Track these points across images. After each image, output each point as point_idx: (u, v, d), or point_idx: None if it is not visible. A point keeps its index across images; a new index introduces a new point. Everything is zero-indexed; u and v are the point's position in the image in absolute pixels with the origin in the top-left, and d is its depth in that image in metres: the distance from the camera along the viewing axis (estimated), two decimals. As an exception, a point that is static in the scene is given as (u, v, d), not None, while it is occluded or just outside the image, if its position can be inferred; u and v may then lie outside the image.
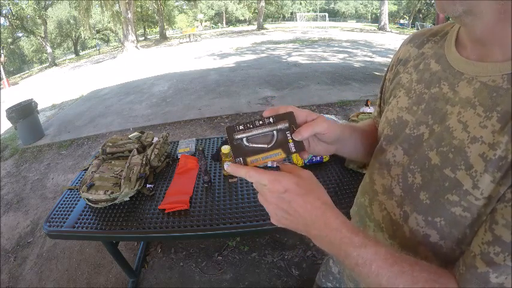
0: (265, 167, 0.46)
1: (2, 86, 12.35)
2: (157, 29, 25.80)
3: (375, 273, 0.38)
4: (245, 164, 0.46)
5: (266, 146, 0.46)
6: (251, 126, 0.45)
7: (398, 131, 0.50)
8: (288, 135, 0.46)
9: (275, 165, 0.46)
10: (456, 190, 0.39)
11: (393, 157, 0.51)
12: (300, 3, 35.12)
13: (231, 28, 30.07)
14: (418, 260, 0.39)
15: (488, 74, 0.38)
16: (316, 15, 29.87)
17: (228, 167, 0.45)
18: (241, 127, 0.45)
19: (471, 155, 0.37)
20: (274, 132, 0.45)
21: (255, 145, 0.46)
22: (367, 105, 1.57)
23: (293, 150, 0.46)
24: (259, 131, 0.45)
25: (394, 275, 0.37)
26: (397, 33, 17.48)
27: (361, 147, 0.60)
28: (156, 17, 23.93)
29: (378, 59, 8.31)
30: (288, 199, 0.41)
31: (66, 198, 1.43)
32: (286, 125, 0.46)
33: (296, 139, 0.45)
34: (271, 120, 0.45)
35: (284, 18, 39.68)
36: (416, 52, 0.53)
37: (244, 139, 0.46)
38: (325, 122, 0.47)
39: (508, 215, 0.32)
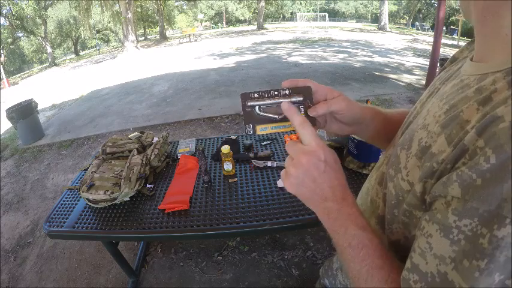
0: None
1: (2, 86, 12.34)
2: (157, 29, 25.77)
3: (361, 258, 0.39)
4: (254, 131, 0.47)
5: (277, 116, 0.46)
6: (266, 95, 0.46)
7: (408, 118, 0.52)
8: (301, 109, 0.46)
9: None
10: (395, 166, 0.43)
11: (394, 139, 0.54)
12: (300, 3, 35.13)
13: (231, 28, 30.06)
14: (400, 263, 0.39)
15: (471, 73, 0.38)
16: (316, 15, 29.86)
17: (284, 105, 0.44)
18: (256, 95, 0.46)
19: (415, 138, 0.40)
20: None
21: (267, 114, 0.46)
22: (367, 105, 1.57)
23: None
24: (273, 101, 0.46)
25: (376, 266, 0.38)
26: (397, 33, 17.48)
27: (382, 133, 0.58)
28: (156, 17, 23.92)
29: (378, 59, 8.30)
30: (323, 169, 0.41)
31: (66, 198, 1.43)
32: (301, 98, 0.46)
33: (311, 115, 0.46)
34: (286, 92, 0.45)
35: (284, 18, 39.66)
36: (465, 54, 0.53)
37: (257, 107, 0.46)
38: (344, 101, 0.48)
39: (422, 244, 0.33)
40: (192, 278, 1.77)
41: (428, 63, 5.58)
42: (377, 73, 6.49)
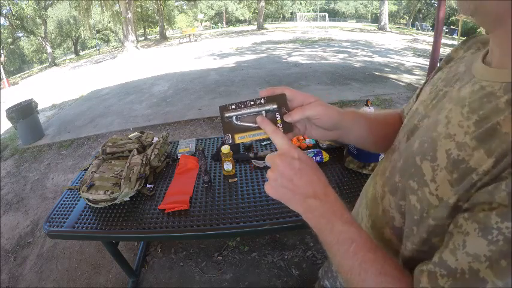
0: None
1: (2, 86, 12.34)
2: (157, 29, 25.75)
3: (352, 253, 0.39)
4: (233, 140, 0.49)
5: (254, 124, 0.48)
6: (242, 106, 0.48)
7: (411, 121, 0.51)
8: (278, 116, 0.48)
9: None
10: (418, 178, 0.41)
11: (398, 143, 0.52)
12: (300, 3, 35.11)
13: (231, 28, 30.04)
14: (391, 256, 0.39)
15: (491, 79, 0.37)
16: (316, 15, 29.81)
17: (258, 118, 0.47)
18: (233, 106, 0.48)
19: (439, 148, 0.38)
20: (263, 112, 0.48)
21: (244, 123, 0.48)
22: (367, 105, 1.56)
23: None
24: (249, 110, 0.48)
25: (368, 260, 0.38)
26: (397, 33, 17.48)
27: (367, 136, 0.58)
28: (156, 17, 23.91)
29: (378, 59, 8.30)
30: (298, 167, 0.42)
31: (66, 198, 1.43)
32: (275, 106, 0.47)
33: (287, 121, 0.47)
34: (262, 101, 0.48)
35: (284, 18, 39.64)
36: (461, 54, 0.52)
37: (234, 117, 0.48)
38: (321, 106, 0.48)
39: (457, 241, 0.33)
40: (192, 278, 1.77)
41: (428, 63, 5.58)
42: (377, 73, 6.49)
